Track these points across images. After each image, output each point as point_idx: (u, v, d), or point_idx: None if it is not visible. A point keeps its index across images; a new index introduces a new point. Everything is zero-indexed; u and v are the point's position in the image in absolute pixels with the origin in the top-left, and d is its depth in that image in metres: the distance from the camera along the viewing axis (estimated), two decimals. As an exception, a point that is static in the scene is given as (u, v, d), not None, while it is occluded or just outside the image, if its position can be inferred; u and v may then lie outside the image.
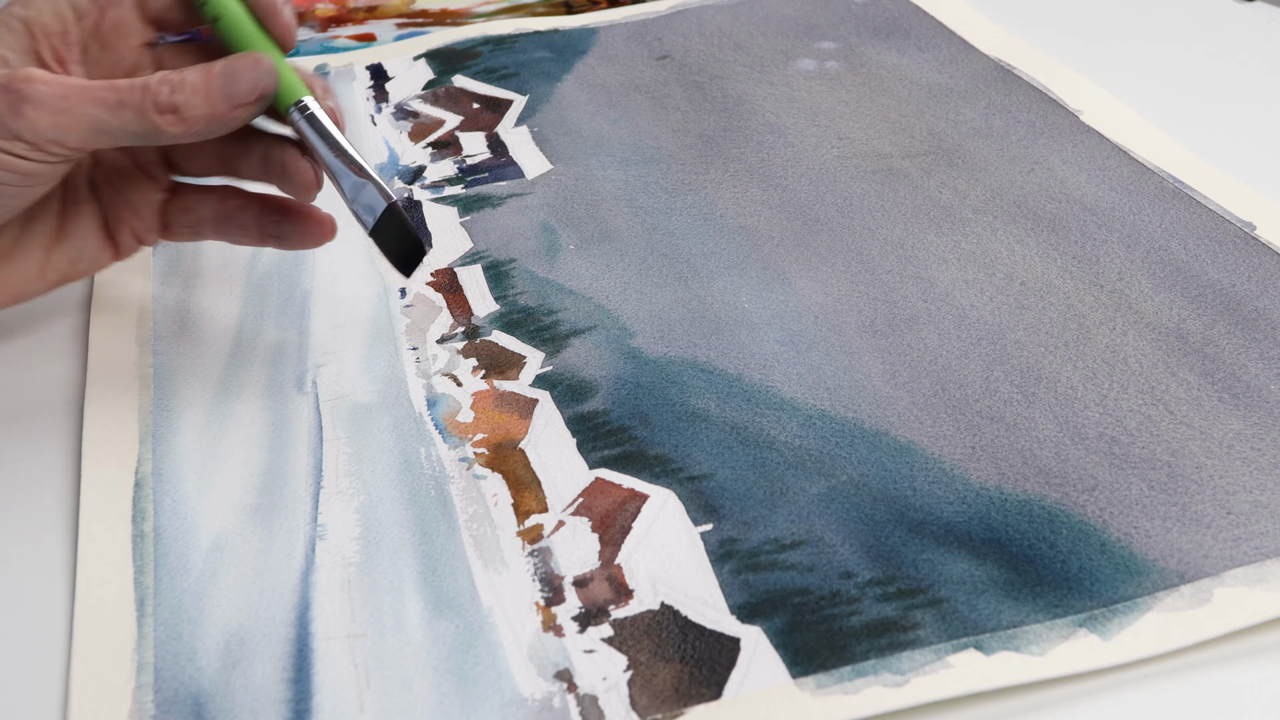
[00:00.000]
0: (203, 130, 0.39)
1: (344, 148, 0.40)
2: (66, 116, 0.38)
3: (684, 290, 0.46)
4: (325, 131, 0.41)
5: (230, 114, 0.40)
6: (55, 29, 0.41)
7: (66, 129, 0.38)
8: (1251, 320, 0.43)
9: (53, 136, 0.38)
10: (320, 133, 0.41)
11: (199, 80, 0.39)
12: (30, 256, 0.43)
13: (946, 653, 0.32)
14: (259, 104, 0.40)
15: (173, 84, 0.39)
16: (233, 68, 0.40)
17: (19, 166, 0.38)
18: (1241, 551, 0.34)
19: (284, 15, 0.43)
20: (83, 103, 0.38)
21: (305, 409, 0.41)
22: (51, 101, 0.38)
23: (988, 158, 0.53)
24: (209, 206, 0.44)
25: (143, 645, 0.33)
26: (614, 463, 0.39)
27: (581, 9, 0.72)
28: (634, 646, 0.32)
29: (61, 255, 0.44)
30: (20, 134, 0.38)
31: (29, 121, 0.37)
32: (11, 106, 0.38)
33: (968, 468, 0.38)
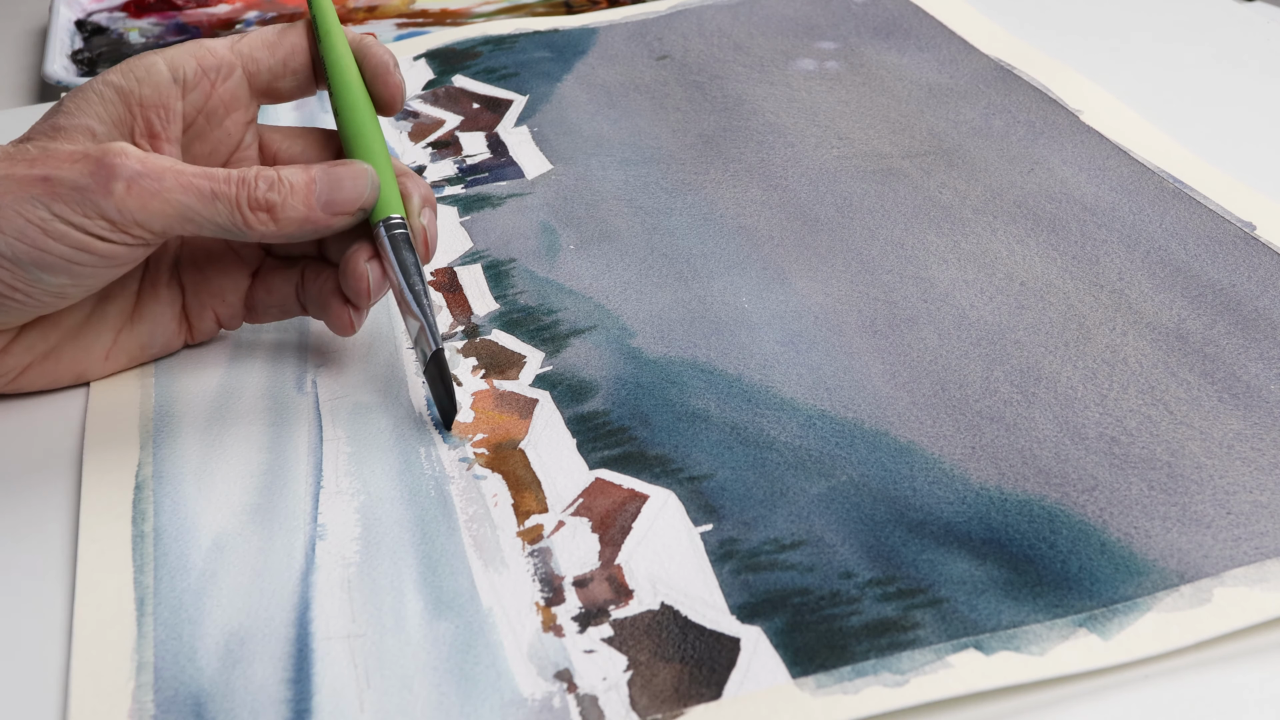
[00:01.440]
0: (293, 233, 0.39)
1: (414, 279, 0.40)
2: (156, 200, 0.36)
3: (684, 290, 0.46)
4: (402, 256, 0.40)
5: (325, 221, 0.39)
6: (154, 101, 0.39)
7: (154, 213, 0.36)
8: (1251, 320, 0.43)
9: (139, 219, 0.36)
10: (398, 255, 0.40)
11: (299, 182, 0.38)
12: (99, 338, 0.42)
13: (946, 653, 0.32)
14: (356, 215, 0.39)
15: (271, 181, 0.38)
16: (337, 175, 0.39)
17: (97, 248, 0.37)
18: (1241, 551, 0.34)
19: (394, 78, 0.42)
20: (175, 188, 0.37)
21: (305, 409, 0.41)
22: (143, 182, 0.36)
23: (988, 158, 0.53)
24: (291, 283, 0.43)
25: (143, 645, 0.33)
26: (614, 463, 0.39)
27: (581, 9, 0.72)
28: (634, 646, 0.32)
29: (132, 338, 0.42)
30: (106, 213, 0.36)
31: (117, 200, 0.36)
32: (101, 183, 0.36)
33: (968, 468, 0.38)
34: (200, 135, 0.41)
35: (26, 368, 0.41)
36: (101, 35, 0.72)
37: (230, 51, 0.41)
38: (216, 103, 0.41)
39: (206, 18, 0.74)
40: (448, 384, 0.39)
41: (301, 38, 0.43)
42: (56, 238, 0.36)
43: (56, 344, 0.41)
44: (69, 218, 0.36)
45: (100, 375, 0.42)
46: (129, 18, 0.74)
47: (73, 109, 0.39)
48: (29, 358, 0.41)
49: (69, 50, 0.69)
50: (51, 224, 0.36)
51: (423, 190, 0.42)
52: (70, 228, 0.36)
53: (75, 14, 0.74)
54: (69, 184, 0.36)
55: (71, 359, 0.42)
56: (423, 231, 0.41)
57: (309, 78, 0.43)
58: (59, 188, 0.36)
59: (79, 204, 0.36)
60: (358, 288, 0.40)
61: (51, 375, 0.42)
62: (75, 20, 0.73)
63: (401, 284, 0.39)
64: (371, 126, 0.42)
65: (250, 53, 0.42)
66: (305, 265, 0.43)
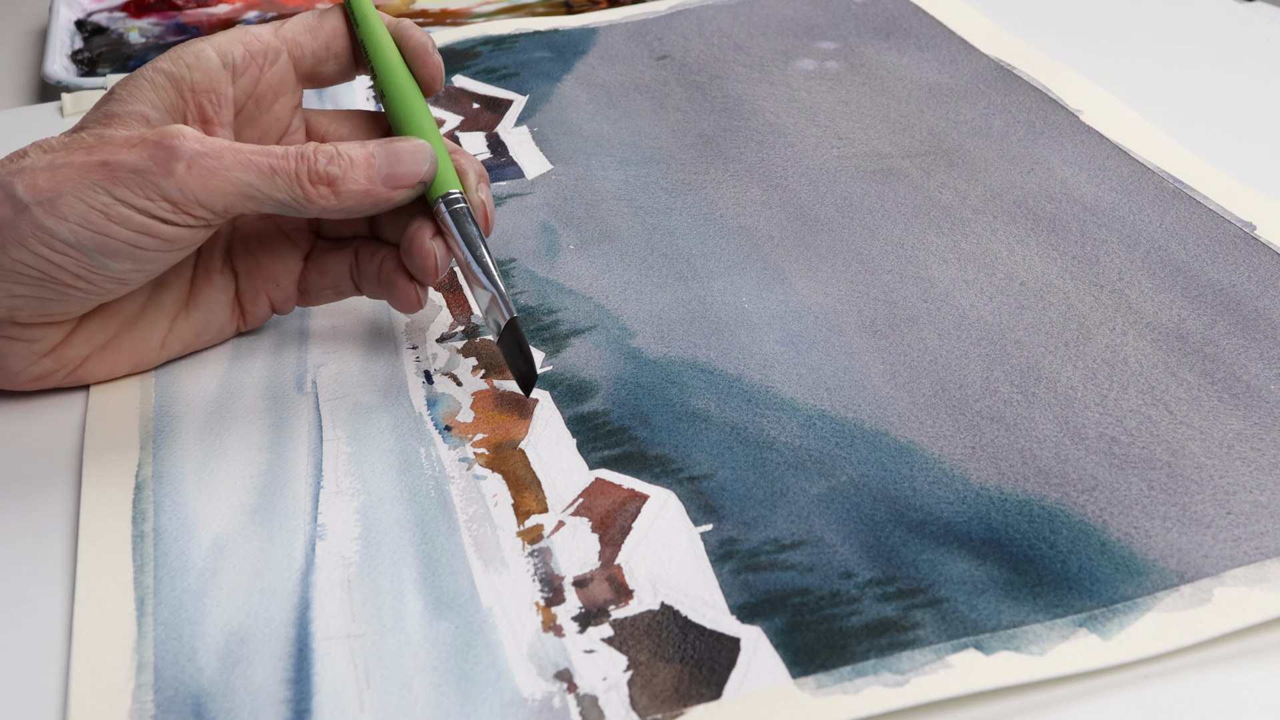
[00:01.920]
0: (353, 207, 0.39)
1: (481, 251, 0.40)
2: (216, 178, 0.37)
3: (684, 290, 0.46)
4: (466, 230, 0.40)
5: (386, 195, 0.39)
6: (205, 86, 0.40)
7: (215, 191, 0.37)
8: (1251, 320, 0.43)
9: (200, 199, 0.37)
10: (461, 230, 0.40)
11: (359, 156, 0.39)
12: (156, 325, 0.42)
13: (946, 653, 0.32)
14: (416, 189, 0.40)
15: (330, 156, 0.38)
16: (396, 149, 0.39)
17: (160, 230, 0.37)
18: (1241, 551, 0.34)
19: (434, 58, 0.43)
20: (235, 165, 0.37)
21: (305, 409, 0.41)
22: (203, 161, 0.37)
23: (988, 158, 0.53)
24: (345, 263, 0.43)
25: (143, 645, 0.33)
26: (614, 463, 0.39)
27: (581, 9, 0.72)
28: (634, 646, 0.32)
29: (187, 325, 0.43)
30: (168, 193, 0.36)
31: (178, 181, 0.36)
32: (162, 164, 0.36)
33: (968, 468, 0.38)
34: (250, 120, 0.42)
35: (86, 358, 0.41)
36: (101, 35, 0.72)
37: (275, 36, 0.42)
38: (265, 87, 0.41)
39: (206, 18, 0.74)
40: (526, 352, 0.40)
41: (340, 21, 0.43)
42: (120, 222, 0.36)
43: (115, 334, 0.41)
44: (131, 201, 0.36)
45: (156, 363, 0.43)
46: (129, 18, 0.74)
47: (125, 96, 0.39)
48: (88, 348, 0.41)
49: (69, 50, 0.69)
50: (114, 208, 0.36)
51: (476, 166, 0.42)
52: (134, 211, 0.36)
53: (75, 14, 0.74)
54: (129, 167, 0.36)
55: (130, 348, 0.42)
56: (482, 205, 0.41)
57: (350, 61, 0.43)
58: (119, 172, 0.36)
59: (141, 187, 0.36)
60: (425, 265, 0.40)
61: (110, 365, 0.42)
62: (75, 20, 0.73)
63: (468, 257, 0.40)
64: (420, 106, 0.42)
65: (294, 37, 0.42)
66: (359, 245, 0.43)
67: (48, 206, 0.36)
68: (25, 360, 0.40)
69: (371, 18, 0.43)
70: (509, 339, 0.40)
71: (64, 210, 0.36)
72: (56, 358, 0.41)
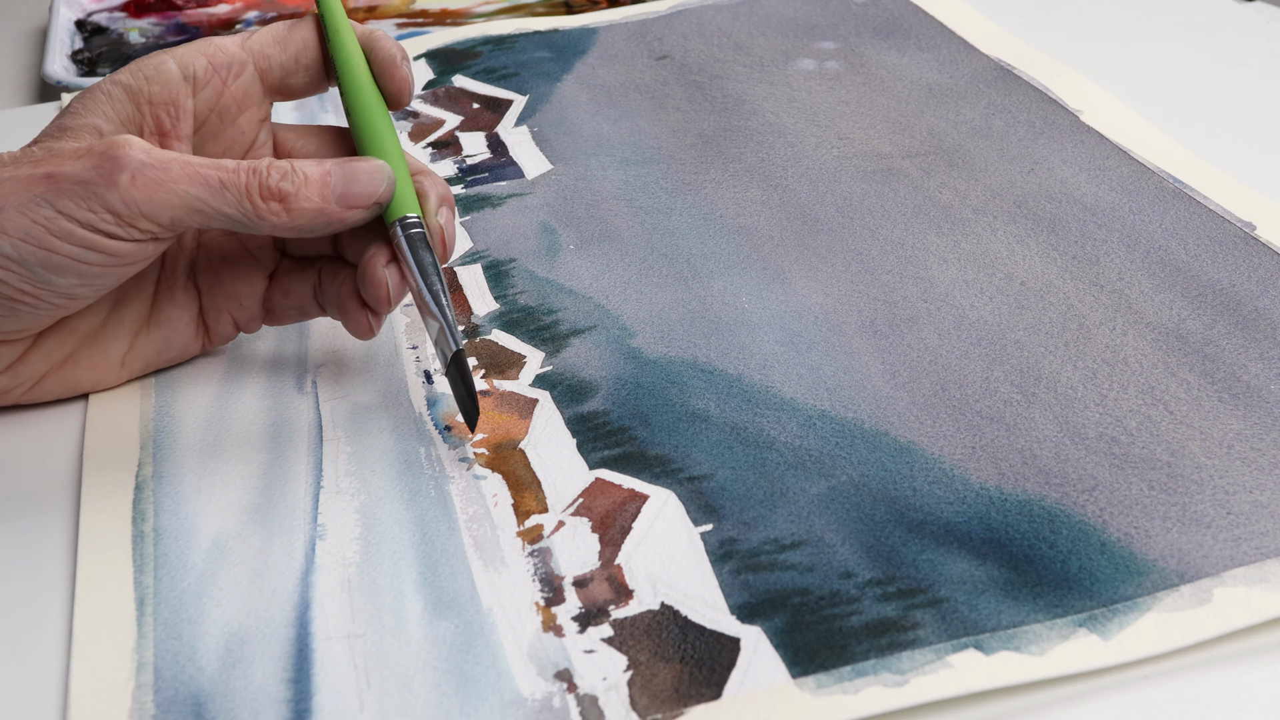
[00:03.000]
0: (305, 226, 0.38)
1: (433, 279, 0.39)
2: (162, 191, 0.35)
3: (684, 290, 0.46)
4: (420, 256, 0.39)
5: (339, 215, 0.38)
6: (163, 98, 0.39)
7: (160, 204, 0.36)
8: (1251, 320, 0.43)
9: (145, 211, 0.36)
10: (415, 256, 0.39)
11: (314, 174, 0.38)
12: (116, 342, 0.41)
13: (946, 653, 0.32)
14: (371, 210, 0.39)
15: (284, 172, 0.37)
16: (353, 169, 0.38)
17: (104, 245, 0.36)
18: (1241, 551, 0.34)
19: (400, 71, 0.42)
20: (182, 178, 0.36)
21: (305, 409, 0.41)
22: (148, 173, 0.35)
23: (988, 158, 0.53)
24: (309, 284, 0.42)
25: (143, 645, 0.33)
26: (614, 463, 0.39)
27: (581, 9, 0.72)
28: (634, 646, 0.32)
29: (148, 343, 0.42)
30: (111, 206, 0.35)
31: (122, 192, 0.35)
32: (105, 175, 0.35)
33: (968, 468, 0.38)
34: (214, 134, 0.41)
35: (43, 376, 0.40)
36: (101, 35, 0.72)
37: (241, 48, 0.41)
38: (229, 100, 0.40)
39: (206, 18, 0.74)
40: (469, 385, 0.39)
41: (311, 32, 0.42)
42: (61, 236, 0.36)
43: (73, 350, 0.41)
44: (74, 214, 0.35)
45: (116, 382, 0.42)
46: (129, 18, 0.74)
47: (79, 109, 0.38)
48: (45, 365, 0.40)
49: (69, 50, 0.69)
50: (56, 222, 0.35)
51: (440, 188, 0.41)
52: (75, 224, 0.35)
53: (75, 14, 0.74)
54: (73, 178, 0.35)
55: (89, 365, 0.41)
56: (439, 231, 0.40)
57: (321, 73, 0.42)
58: (63, 183, 0.35)
59: (84, 198, 0.35)
60: (377, 294, 0.39)
61: (69, 383, 0.41)
62: (75, 20, 0.73)
63: (420, 285, 0.39)
64: (384, 123, 0.41)
65: (261, 49, 0.41)
66: (322, 266, 0.42)
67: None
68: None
69: (342, 29, 0.42)
70: (453, 372, 0.39)
71: (5, 224, 0.35)
72: (13, 375, 0.40)
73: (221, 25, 0.73)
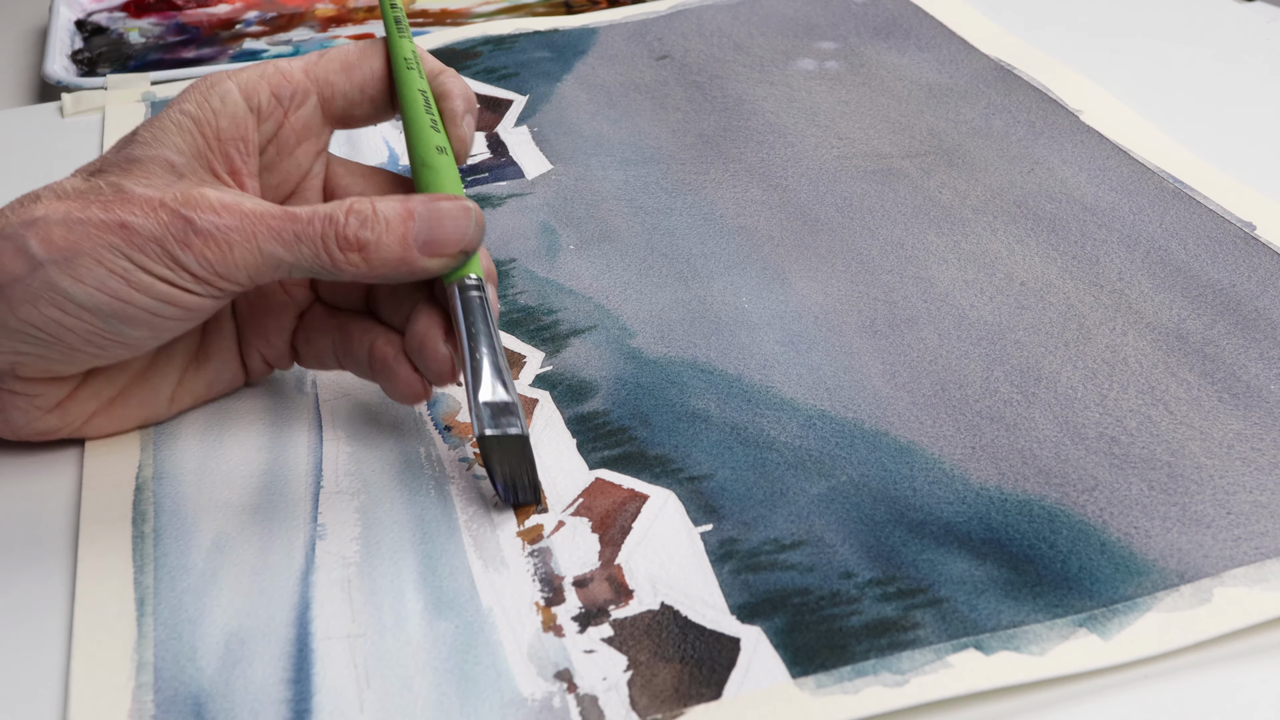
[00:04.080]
0: (384, 276, 0.35)
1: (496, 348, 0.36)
2: (238, 251, 0.34)
3: (684, 290, 0.46)
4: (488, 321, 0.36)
5: (421, 264, 0.35)
6: (232, 134, 0.37)
7: (236, 265, 0.34)
8: (1251, 320, 0.43)
9: (221, 271, 0.34)
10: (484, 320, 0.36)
11: (395, 216, 0.35)
12: (166, 379, 0.40)
13: (946, 653, 0.32)
14: (458, 260, 0.36)
15: (363, 218, 0.35)
16: (438, 211, 0.35)
17: (182, 300, 0.35)
18: (1241, 551, 0.34)
19: (459, 130, 0.39)
20: (256, 234, 0.34)
21: (305, 409, 0.41)
22: (224, 234, 0.34)
23: (988, 158, 0.53)
24: (329, 337, 0.40)
25: (143, 645, 0.33)
26: (614, 463, 0.39)
27: (581, 9, 0.72)
28: (634, 646, 0.32)
29: (198, 379, 0.40)
30: (188, 266, 0.34)
31: (196, 254, 0.34)
32: (179, 236, 0.34)
33: (968, 468, 0.38)
34: (270, 166, 0.39)
35: (92, 414, 0.39)
36: (101, 35, 0.72)
37: (305, 76, 0.38)
38: (289, 132, 0.38)
39: (206, 18, 0.74)
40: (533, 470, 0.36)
41: (380, 61, 0.39)
42: (141, 289, 0.34)
43: (123, 388, 0.39)
44: (152, 269, 0.34)
45: (165, 417, 0.40)
46: (129, 18, 0.74)
47: (149, 139, 0.36)
48: (95, 404, 0.39)
49: (69, 50, 0.69)
50: (134, 274, 0.34)
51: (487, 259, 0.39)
52: (154, 279, 0.34)
53: (75, 14, 0.74)
54: (148, 234, 0.34)
55: (138, 403, 0.39)
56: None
57: (386, 104, 0.40)
58: (137, 237, 0.34)
59: (159, 256, 0.34)
60: (440, 370, 0.37)
61: (118, 420, 0.39)
62: (75, 20, 0.73)
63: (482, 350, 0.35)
64: (450, 172, 0.38)
65: (326, 77, 0.39)
66: (346, 322, 0.39)
67: (63, 265, 0.34)
68: (28, 415, 0.38)
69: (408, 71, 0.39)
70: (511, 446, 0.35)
71: (81, 272, 0.34)
72: (61, 414, 0.38)
73: (222, 25, 0.73)
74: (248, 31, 0.71)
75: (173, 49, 0.70)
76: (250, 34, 0.71)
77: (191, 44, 0.70)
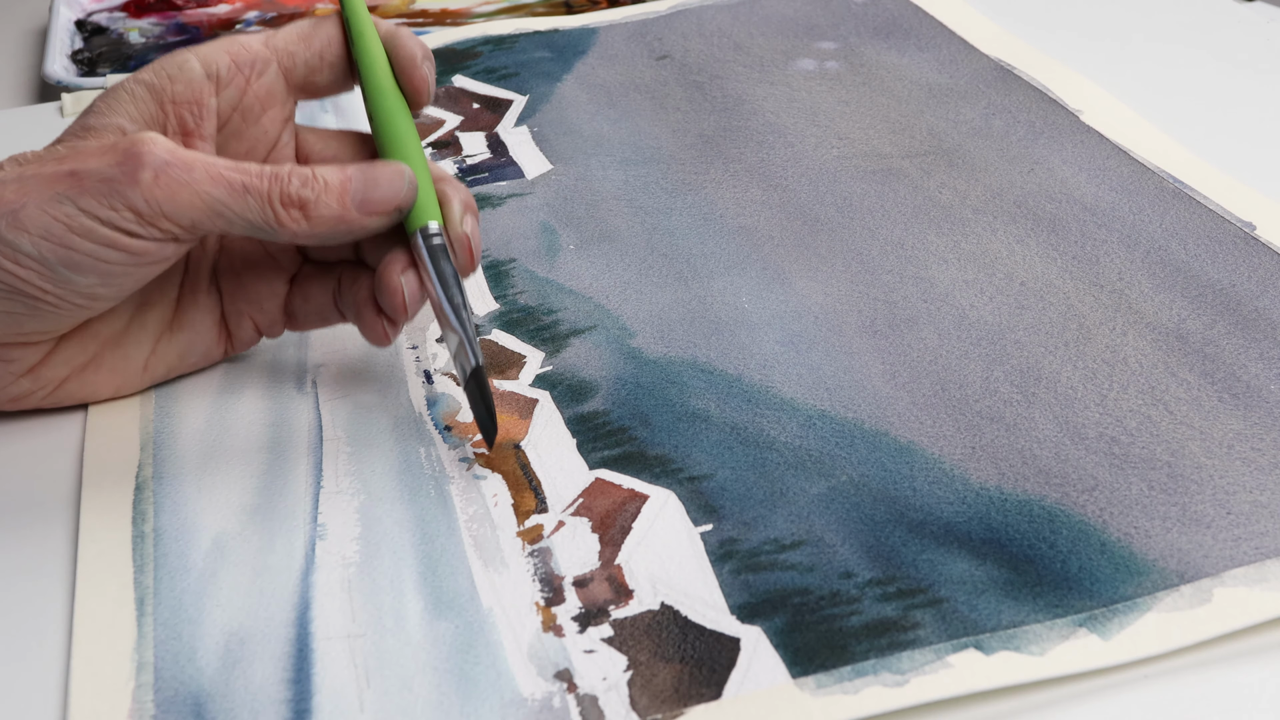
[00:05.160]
0: (325, 234, 0.37)
1: (454, 291, 0.38)
2: (185, 191, 0.35)
3: (684, 290, 0.46)
4: (440, 267, 0.38)
5: (359, 221, 0.37)
6: (186, 97, 0.38)
7: (182, 205, 0.35)
8: (1251, 320, 0.43)
9: (166, 211, 0.35)
10: (436, 267, 0.38)
11: (334, 180, 0.37)
12: (140, 346, 0.41)
13: (946, 653, 0.32)
14: (393, 216, 0.38)
15: (304, 178, 0.36)
16: (373, 174, 0.37)
17: (125, 243, 0.35)
18: (1241, 551, 0.34)
19: (420, 71, 0.40)
20: (205, 179, 0.35)
21: (305, 409, 0.41)
22: (171, 172, 0.35)
23: (988, 158, 0.53)
24: (329, 290, 0.41)
25: (143, 645, 0.33)
26: (614, 463, 0.39)
27: (581, 9, 0.72)
28: (634, 646, 0.32)
29: (171, 347, 0.41)
30: (133, 204, 0.35)
31: (144, 190, 0.35)
32: (128, 173, 0.35)
33: (968, 468, 0.38)
34: (237, 134, 0.40)
35: (64, 380, 0.40)
36: (101, 35, 0.72)
37: (264, 46, 0.40)
38: (252, 99, 0.40)
39: (206, 18, 0.74)
40: (488, 402, 0.38)
41: (336, 29, 0.41)
42: (83, 234, 0.35)
43: (95, 354, 0.40)
44: (95, 211, 0.35)
45: (138, 388, 0.41)
46: (129, 18, 0.74)
47: (103, 109, 0.38)
48: (67, 369, 0.40)
49: (69, 50, 0.69)
50: (77, 219, 0.35)
51: (463, 195, 0.40)
52: (96, 222, 0.35)
53: (75, 14, 0.74)
54: (95, 176, 0.35)
55: (110, 369, 0.40)
56: (465, 240, 0.39)
57: (345, 71, 0.41)
58: (85, 180, 0.35)
59: (106, 196, 0.35)
60: (393, 302, 0.39)
61: (91, 388, 0.41)
62: (75, 20, 0.73)
63: (440, 297, 0.38)
64: (406, 127, 0.40)
65: (285, 46, 0.40)
66: (343, 271, 0.41)
67: (10, 219, 0.35)
68: (1, 380, 0.39)
69: (363, 27, 0.41)
70: (472, 387, 0.38)
71: (26, 222, 0.35)
72: (34, 378, 0.39)
73: (222, 25, 0.73)
74: (248, 31, 0.71)
75: (173, 49, 0.70)
76: (250, 34, 0.71)
77: (191, 44, 0.70)
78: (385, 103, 0.40)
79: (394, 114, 0.40)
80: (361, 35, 0.41)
